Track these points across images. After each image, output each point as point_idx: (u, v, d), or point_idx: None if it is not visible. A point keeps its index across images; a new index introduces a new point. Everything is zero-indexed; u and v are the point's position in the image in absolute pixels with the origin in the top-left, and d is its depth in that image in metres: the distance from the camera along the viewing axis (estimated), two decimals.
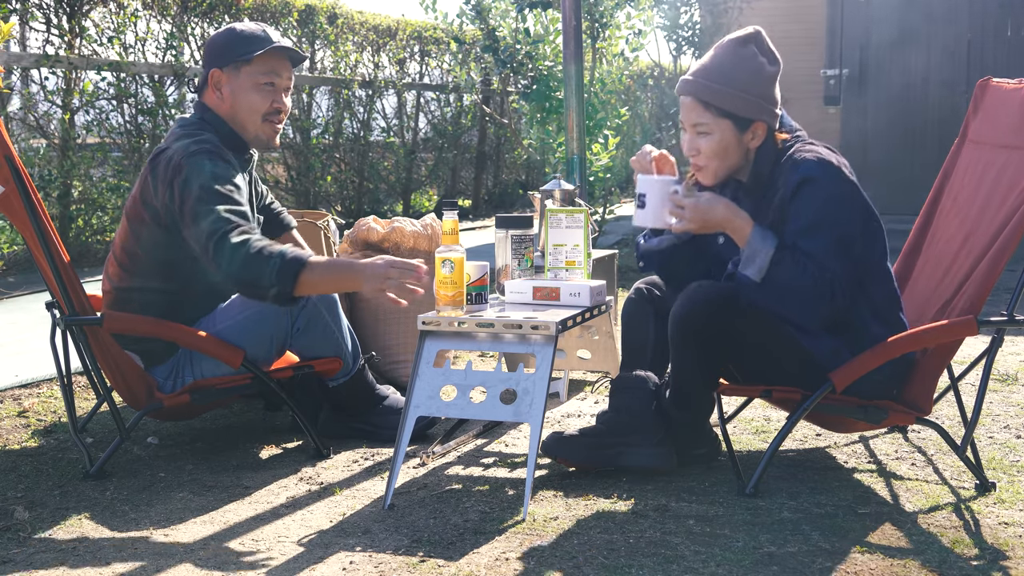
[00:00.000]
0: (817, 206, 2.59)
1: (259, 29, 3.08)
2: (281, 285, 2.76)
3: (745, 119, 2.68)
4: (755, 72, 2.69)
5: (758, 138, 2.71)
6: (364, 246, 3.86)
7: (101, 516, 2.62)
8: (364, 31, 9.74)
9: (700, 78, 2.69)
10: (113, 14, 7.16)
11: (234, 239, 2.78)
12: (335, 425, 3.24)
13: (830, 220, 2.59)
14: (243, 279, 2.79)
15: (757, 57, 2.70)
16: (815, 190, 2.60)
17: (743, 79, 2.67)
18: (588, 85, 7.04)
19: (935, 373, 2.76)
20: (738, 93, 2.67)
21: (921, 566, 2.26)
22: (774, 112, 2.72)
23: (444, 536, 2.45)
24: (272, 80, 3.05)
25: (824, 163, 2.62)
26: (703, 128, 2.70)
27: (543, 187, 3.37)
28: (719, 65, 2.69)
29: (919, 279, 3.07)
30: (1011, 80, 3.00)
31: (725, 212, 2.65)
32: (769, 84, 2.71)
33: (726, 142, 2.70)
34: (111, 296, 3.07)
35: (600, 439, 2.83)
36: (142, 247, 3.01)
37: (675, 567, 2.25)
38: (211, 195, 2.84)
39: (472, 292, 2.75)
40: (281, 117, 3.10)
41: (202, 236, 2.81)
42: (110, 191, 7.03)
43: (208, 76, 3.05)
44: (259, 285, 2.78)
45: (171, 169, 2.90)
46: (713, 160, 2.72)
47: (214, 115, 3.06)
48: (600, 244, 7.59)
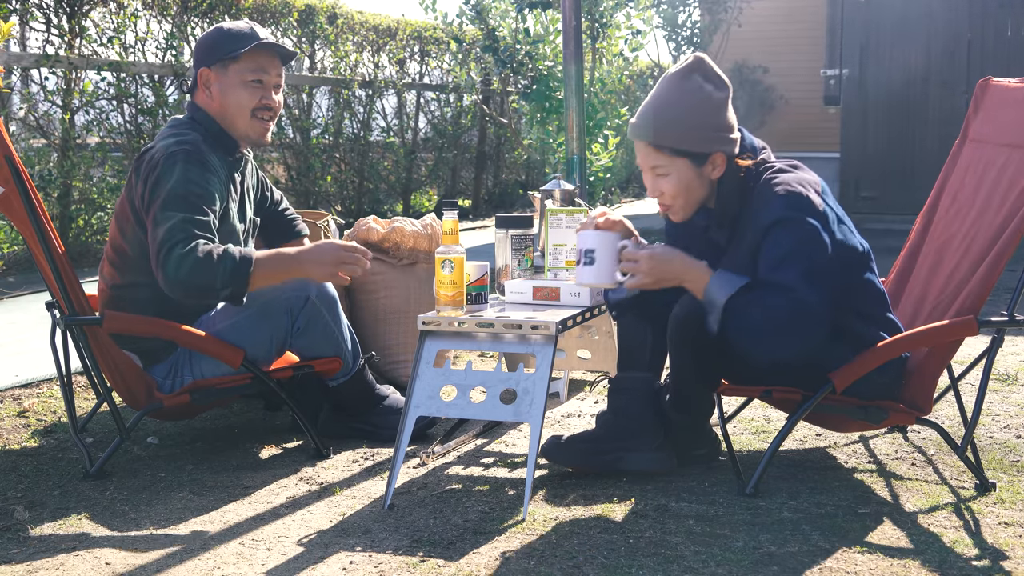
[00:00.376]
0: (790, 244, 2.52)
1: (247, 27, 3.08)
2: (235, 286, 2.82)
3: (701, 154, 2.60)
4: (702, 103, 2.60)
5: (719, 168, 2.62)
6: (364, 246, 3.85)
7: (101, 516, 2.62)
8: (364, 31, 9.74)
9: (648, 120, 2.62)
10: (113, 14, 7.16)
11: (181, 250, 2.80)
12: (335, 425, 3.24)
13: (803, 254, 2.52)
14: (193, 283, 2.81)
15: (703, 87, 2.60)
16: (786, 231, 2.53)
17: (691, 113, 2.59)
18: (588, 85, 7.05)
19: (935, 373, 2.76)
20: (689, 130, 2.58)
21: (921, 566, 2.26)
22: (730, 139, 2.63)
23: (444, 536, 2.45)
24: (260, 77, 3.05)
25: (792, 198, 2.54)
26: (661, 170, 2.63)
27: (543, 187, 3.37)
28: (665, 103, 2.61)
29: (919, 279, 3.07)
30: (1011, 80, 3.00)
31: (682, 264, 2.58)
32: (720, 112, 2.62)
33: (686, 180, 2.62)
34: (105, 295, 3.08)
35: (599, 444, 2.82)
36: (130, 244, 3.02)
37: (675, 567, 2.25)
38: (175, 201, 2.86)
39: (472, 292, 2.75)
40: (271, 114, 3.09)
41: (155, 242, 2.84)
42: (110, 191, 7.03)
43: (198, 75, 3.06)
44: (211, 288, 2.82)
45: (150, 167, 2.93)
46: (678, 199, 2.65)
47: (204, 114, 3.06)
48: None
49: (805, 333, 2.52)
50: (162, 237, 2.82)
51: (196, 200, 2.88)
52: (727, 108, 2.64)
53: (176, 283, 2.81)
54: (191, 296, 2.87)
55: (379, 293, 3.80)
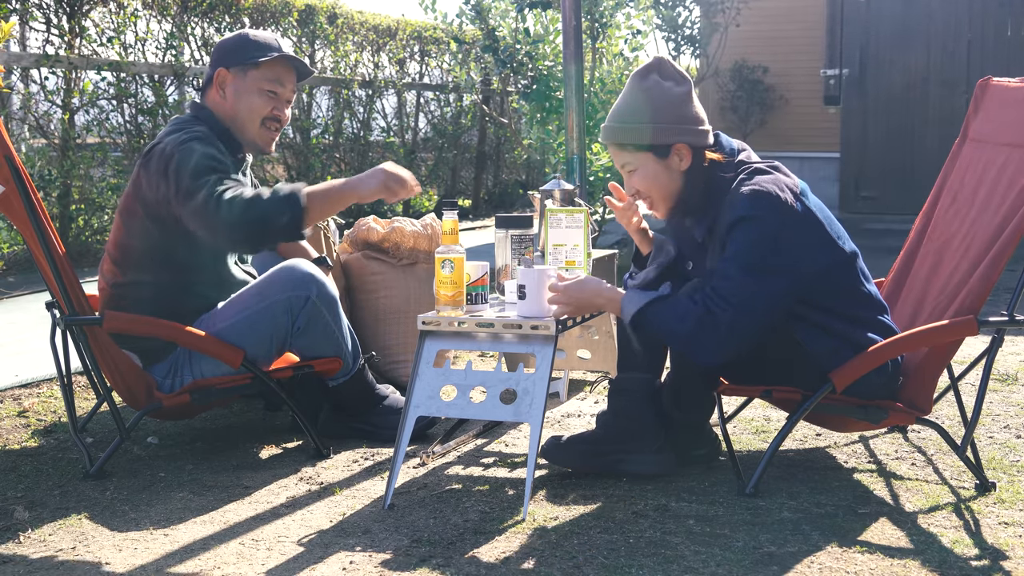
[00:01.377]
0: (749, 241, 2.56)
1: (272, 38, 3.14)
2: (292, 211, 2.80)
3: (662, 146, 2.67)
4: (659, 98, 2.67)
5: (685, 159, 2.68)
6: (364, 246, 3.86)
7: (101, 516, 2.63)
8: (364, 31, 9.74)
9: (611, 122, 2.72)
10: (113, 14, 7.16)
11: (230, 193, 2.82)
12: (335, 425, 3.24)
13: (754, 253, 2.55)
14: (252, 219, 2.80)
15: (661, 84, 2.68)
16: (748, 229, 2.56)
17: (648, 109, 2.67)
18: (588, 85, 7.04)
19: (935, 373, 2.76)
20: (646, 124, 2.66)
21: (921, 566, 2.26)
22: (695, 130, 2.68)
23: (444, 536, 2.45)
24: (276, 88, 3.10)
25: (759, 196, 2.57)
26: (630, 167, 2.72)
27: (543, 187, 3.37)
28: (626, 104, 2.70)
29: (919, 279, 3.07)
30: (1011, 79, 3.00)
31: (595, 290, 2.70)
32: (680, 105, 2.68)
33: (652, 173, 2.69)
34: (106, 293, 3.08)
35: (598, 446, 2.83)
36: (134, 241, 3.02)
37: (675, 567, 2.25)
38: (203, 171, 2.87)
39: (472, 292, 2.75)
40: (279, 125, 3.14)
41: (200, 206, 2.83)
42: (110, 191, 7.03)
43: (214, 75, 3.08)
44: (269, 219, 2.80)
45: (163, 159, 2.93)
46: (651, 193, 2.72)
47: (210, 113, 3.08)
48: (600, 244, 7.59)
49: (719, 336, 2.56)
50: (204, 195, 2.82)
51: (222, 168, 2.91)
52: (690, 102, 2.70)
53: (234, 225, 2.80)
54: (252, 236, 2.86)
55: (379, 293, 3.80)
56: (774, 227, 2.56)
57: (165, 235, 2.98)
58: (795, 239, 2.59)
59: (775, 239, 2.56)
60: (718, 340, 2.56)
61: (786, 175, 2.68)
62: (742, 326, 2.56)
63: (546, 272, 2.70)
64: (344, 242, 3.94)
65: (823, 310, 2.68)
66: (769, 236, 2.56)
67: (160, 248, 3.00)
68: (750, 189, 2.59)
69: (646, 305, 2.62)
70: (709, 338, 2.56)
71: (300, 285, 3.02)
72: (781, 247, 2.57)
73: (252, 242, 2.94)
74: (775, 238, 2.56)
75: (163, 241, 2.99)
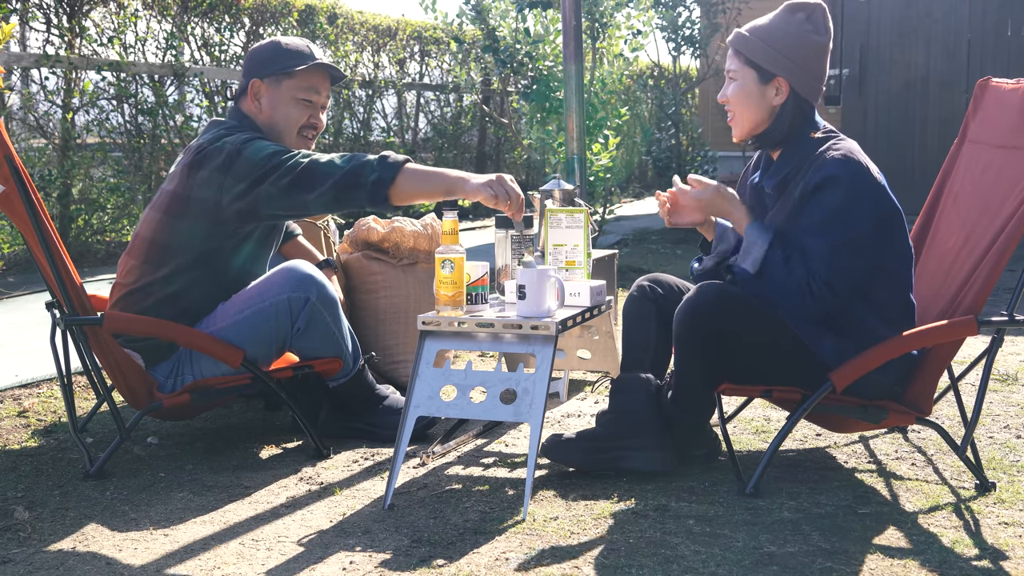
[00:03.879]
0: (834, 206, 2.63)
1: (304, 45, 3.15)
2: (382, 171, 2.80)
3: (768, 72, 2.76)
4: (793, 35, 2.75)
5: (781, 95, 2.77)
6: (364, 246, 3.86)
7: (101, 516, 2.63)
8: (364, 31, 9.75)
9: (744, 31, 2.82)
10: (113, 14, 7.17)
11: (323, 158, 2.85)
12: (335, 425, 3.24)
13: (841, 222, 2.62)
14: (345, 174, 2.81)
15: (803, 24, 2.76)
16: (835, 190, 2.63)
17: (778, 38, 2.76)
18: (588, 85, 7.04)
19: (935, 373, 2.76)
20: (767, 47, 2.75)
21: (921, 566, 2.26)
22: (806, 78, 2.76)
23: (444, 536, 2.45)
24: (311, 96, 3.11)
25: (850, 161, 2.65)
26: (732, 74, 2.82)
27: (543, 187, 3.37)
28: (764, 23, 2.81)
29: (919, 279, 3.07)
30: (1010, 80, 3.00)
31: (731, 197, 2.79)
32: (807, 51, 2.75)
33: (748, 90, 2.78)
34: (127, 288, 3.03)
35: (599, 443, 2.83)
36: (179, 239, 3.00)
37: (675, 567, 2.25)
38: (281, 155, 2.90)
39: (472, 292, 2.75)
40: (315, 132, 3.16)
41: (288, 180, 2.85)
42: (110, 191, 7.04)
43: (248, 85, 3.08)
44: (360, 175, 2.81)
45: (228, 157, 2.92)
46: (737, 107, 2.81)
47: (251, 121, 3.09)
48: (600, 244, 7.59)
49: (801, 303, 2.66)
50: (291, 165, 2.85)
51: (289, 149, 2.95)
52: (819, 55, 2.78)
53: (333, 182, 2.81)
54: (342, 191, 2.83)
55: (379, 293, 3.80)
56: (860, 194, 2.64)
57: (211, 235, 2.98)
58: (876, 210, 2.66)
59: (855, 208, 2.63)
60: (811, 306, 2.65)
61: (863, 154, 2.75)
62: (832, 300, 2.64)
63: (546, 272, 2.70)
64: (344, 242, 3.94)
65: (870, 301, 2.70)
66: (850, 203, 2.63)
67: (202, 248, 2.99)
68: (841, 154, 2.67)
69: (771, 247, 2.68)
70: (804, 302, 2.65)
71: (300, 286, 3.02)
72: (861, 217, 2.63)
73: (341, 201, 2.87)
74: (855, 206, 2.63)
75: (207, 241, 2.99)
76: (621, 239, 8.51)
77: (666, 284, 2.97)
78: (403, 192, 2.83)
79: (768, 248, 2.67)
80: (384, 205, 2.84)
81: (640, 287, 2.97)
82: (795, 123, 2.77)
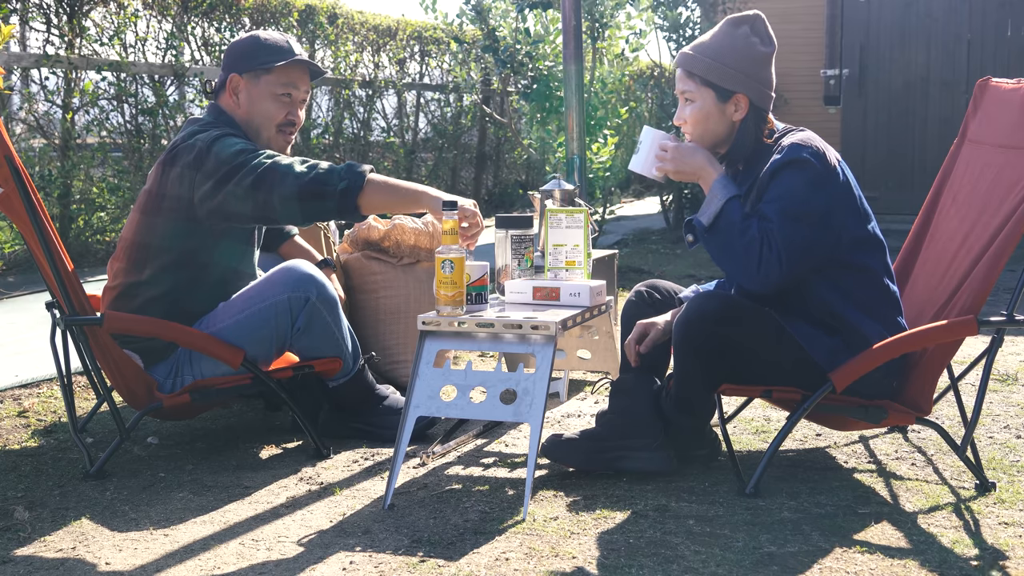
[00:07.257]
0: (793, 183, 2.64)
1: (283, 40, 3.13)
2: (350, 179, 2.79)
3: (726, 90, 2.77)
4: (742, 49, 2.77)
5: (741, 111, 2.78)
6: (364, 245, 3.85)
7: (101, 516, 2.63)
8: (364, 31, 9.74)
9: (690, 51, 2.82)
10: (113, 14, 7.16)
11: (285, 160, 2.84)
12: (335, 425, 3.24)
13: (798, 199, 2.63)
14: (311, 180, 2.80)
15: (749, 37, 2.78)
16: (795, 171, 2.65)
17: (728, 54, 2.77)
18: (588, 85, 7.04)
19: (935, 373, 2.76)
20: (721, 65, 2.76)
21: (921, 566, 2.26)
22: (761, 90, 2.78)
23: (444, 536, 2.45)
24: (290, 92, 3.10)
25: (804, 147, 2.68)
26: (688, 95, 2.81)
27: (543, 187, 3.37)
28: (710, 41, 2.81)
29: (919, 279, 3.07)
30: (1010, 80, 3.00)
31: (702, 160, 2.76)
32: (757, 63, 2.78)
33: (707, 110, 2.78)
34: (115, 291, 3.06)
35: (599, 443, 2.83)
36: (154, 240, 3.00)
37: (675, 567, 2.25)
38: (249, 151, 2.89)
39: (472, 292, 2.75)
40: (294, 128, 3.15)
41: (251, 180, 2.84)
42: (110, 191, 7.03)
43: (227, 80, 3.07)
44: (327, 181, 2.80)
45: (198, 154, 2.92)
46: (697, 127, 2.81)
47: (229, 117, 3.08)
48: (600, 244, 7.59)
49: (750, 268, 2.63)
50: (255, 166, 2.84)
51: (257, 148, 2.94)
52: (768, 64, 2.80)
53: (294, 189, 2.80)
54: (307, 198, 2.81)
55: (379, 293, 3.80)
56: (815, 174, 2.65)
57: (189, 234, 2.97)
58: (833, 192, 2.67)
59: (815, 186, 2.64)
60: (755, 272, 2.62)
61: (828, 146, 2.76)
62: (778, 269, 2.61)
63: (663, 134, 2.80)
64: (344, 242, 3.94)
65: (844, 293, 2.70)
66: (810, 182, 2.64)
67: (182, 247, 2.99)
68: (795, 140, 2.71)
69: (732, 199, 2.67)
70: (751, 265, 2.63)
71: (300, 286, 3.02)
72: (819, 195, 2.64)
73: (307, 208, 2.85)
74: (815, 185, 2.64)
75: (187, 240, 2.99)
76: (621, 239, 8.51)
77: (663, 290, 3.03)
78: (372, 201, 2.83)
79: (726, 202, 2.67)
80: (354, 214, 2.84)
81: (638, 292, 3.01)
82: (757, 134, 2.80)
